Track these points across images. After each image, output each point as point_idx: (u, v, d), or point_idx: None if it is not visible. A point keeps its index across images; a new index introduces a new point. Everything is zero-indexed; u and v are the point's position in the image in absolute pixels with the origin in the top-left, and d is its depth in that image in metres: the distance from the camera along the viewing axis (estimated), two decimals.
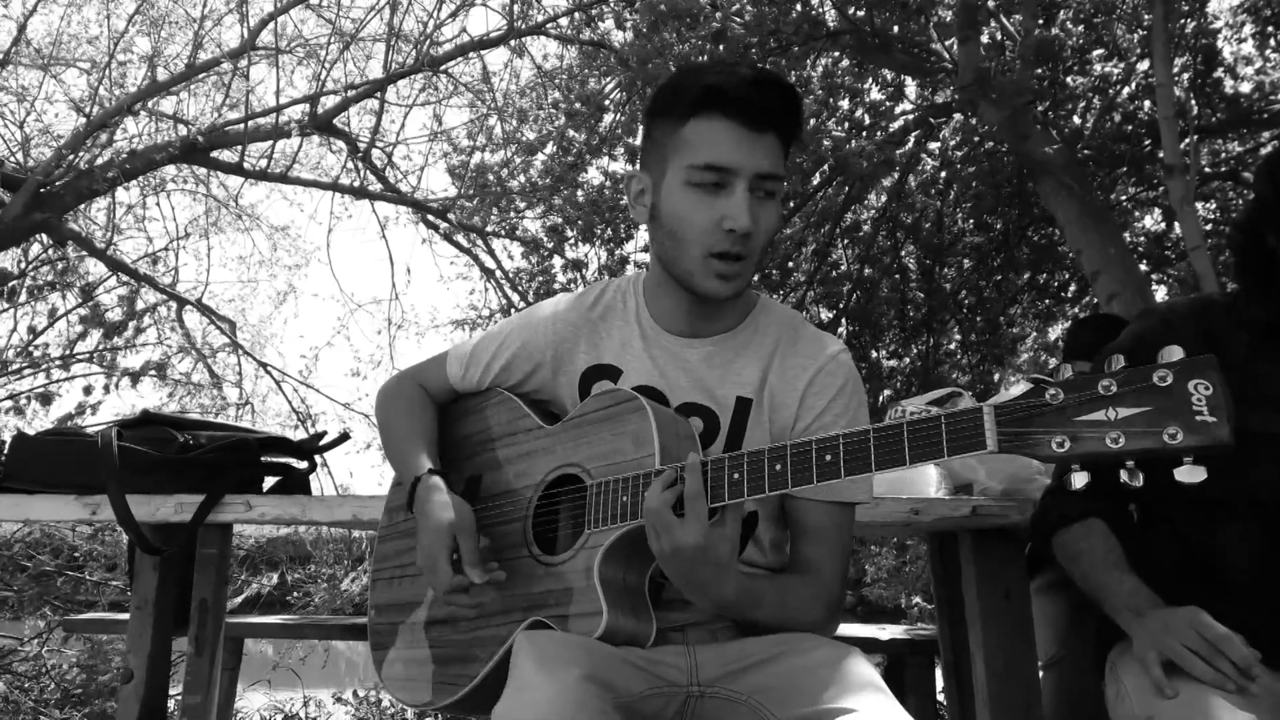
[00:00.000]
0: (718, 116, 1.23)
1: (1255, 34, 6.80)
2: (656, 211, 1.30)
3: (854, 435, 1.06)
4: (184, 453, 2.06)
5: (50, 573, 5.82)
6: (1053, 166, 5.42)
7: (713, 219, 1.24)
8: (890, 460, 1.03)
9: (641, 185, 1.33)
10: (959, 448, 0.98)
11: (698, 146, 1.24)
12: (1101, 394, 0.92)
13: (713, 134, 1.23)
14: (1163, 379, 0.90)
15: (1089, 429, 0.92)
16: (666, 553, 1.13)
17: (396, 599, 1.49)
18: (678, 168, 1.26)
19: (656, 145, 1.30)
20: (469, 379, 1.48)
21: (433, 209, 8.34)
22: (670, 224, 1.27)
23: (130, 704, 1.99)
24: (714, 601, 1.19)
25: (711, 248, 1.24)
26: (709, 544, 1.11)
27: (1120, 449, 0.90)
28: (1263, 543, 1.36)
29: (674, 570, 1.15)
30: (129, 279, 8.28)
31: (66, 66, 8.32)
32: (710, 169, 1.23)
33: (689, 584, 1.17)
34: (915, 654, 2.82)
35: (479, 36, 7.75)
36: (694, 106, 1.24)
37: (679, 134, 1.26)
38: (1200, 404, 0.88)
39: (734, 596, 1.19)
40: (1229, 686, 1.17)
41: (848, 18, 6.01)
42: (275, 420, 8.95)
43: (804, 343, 1.37)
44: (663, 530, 1.13)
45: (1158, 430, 0.89)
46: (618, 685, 1.11)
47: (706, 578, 1.15)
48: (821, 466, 1.08)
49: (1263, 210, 1.44)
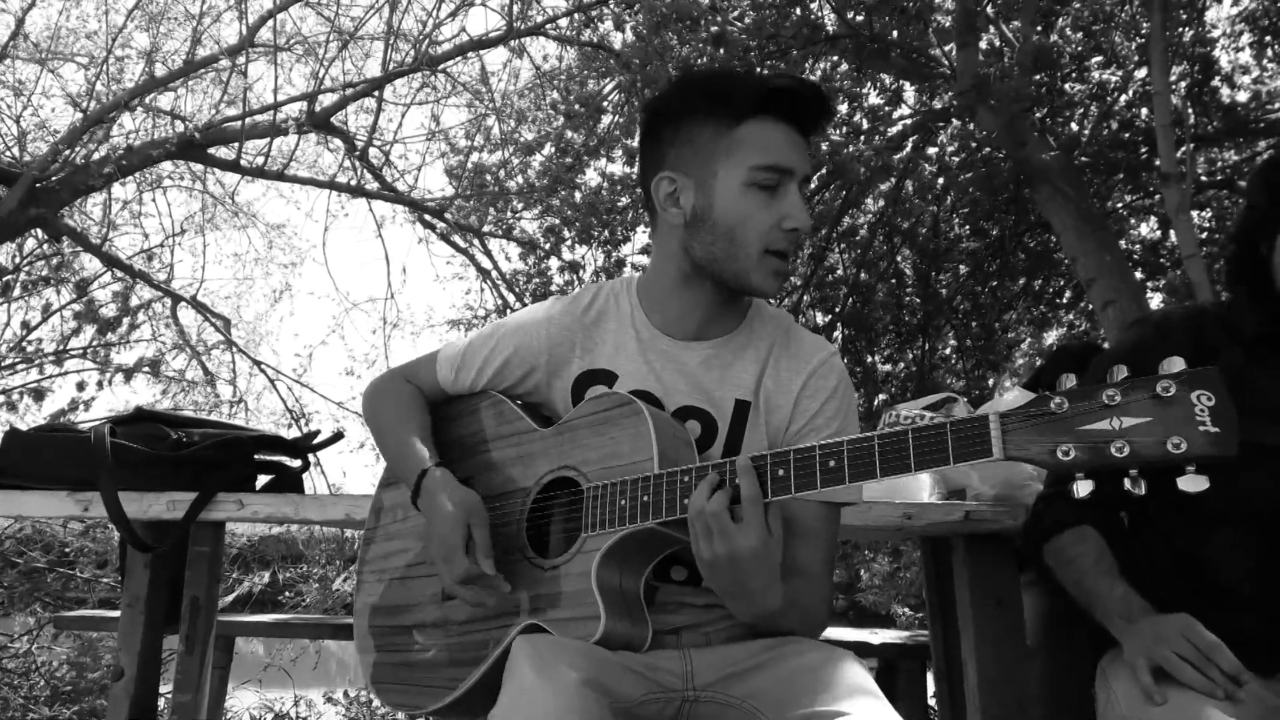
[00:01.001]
0: (774, 119, 1.28)
1: (1253, 43, 6.82)
2: (705, 213, 1.30)
3: (859, 441, 1.07)
4: (177, 450, 2.05)
5: (41, 569, 5.79)
6: (1049, 173, 5.43)
7: (772, 219, 1.27)
8: (896, 467, 1.04)
9: (674, 187, 1.32)
10: (965, 455, 1.00)
11: (759, 148, 1.27)
12: (1106, 403, 0.94)
13: (773, 136, 1.27)
14: (1166, 389, 0.92)
15: (1094, 438, 0.94)
16: (721, 557, 1.11)
17: (384, 601, 1.48)
18: (735, 168, 1.27)
19: (698, 147, 1.30)
20: (461, 382, 1.47)
21: (429, 208, 8.33)
22: (727, 223, 1.28)
23: (120, 702, 1.99)
24: (760, 610, 1.18)
25: (770, 245, 1.27)
26: (767, 550, 1.10)
27: (1125, 458, 0.92)
28: (1256, 551, 1.36)
29: (726, 576, 1.13)
30: (124, 275, 8.25)
31: (64, 61, 8.31)
32: (773, 170, 1.26)
33: (739, 591, 1.15)
34: (907, 659, 2.82)
35: (478, 36, 7.75)
36: (753, 109, 1.27)
37: (732, 135, 1.27)
38: (1203, 414, 0.90)
39: (779, 604, 1.18)
40: (1218, 694, 1.18)
41: (847, 22, 6.02)
42: (269, 419, 8.94)
43: (797, 345, 1.38)
44: (720, 534, 1.10)
45: (1162, 440, 0.91)
46: (616, 690, 1.10)
47: (759, 585, 1.14)
48: (826, 472, 1.08)
49: (1256, 219, 1.44)
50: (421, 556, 1.45)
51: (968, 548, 1.84)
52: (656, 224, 1.38)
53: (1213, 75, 6.62)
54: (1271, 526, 1.36)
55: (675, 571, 1.31)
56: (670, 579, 1.30)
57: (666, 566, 1.29)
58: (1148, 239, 8.10)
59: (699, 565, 1.15)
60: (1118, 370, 0.95)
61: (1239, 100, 6.88)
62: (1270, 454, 1.35)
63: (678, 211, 1.33)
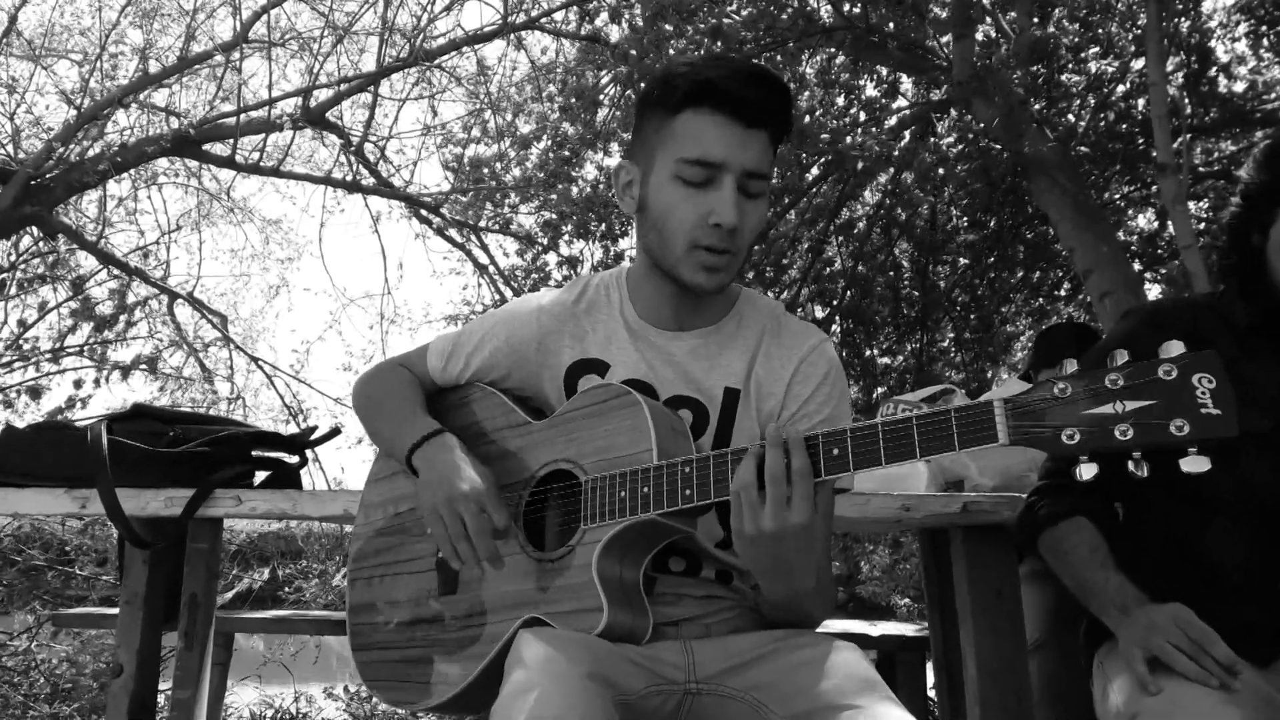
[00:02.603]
0: (709, 111, 1.22)
1: (1249, 34, 6.82)
2: (644, 203, 1.29)
3: (863, 429, 1.07)
4: (174, 447, 2.05)
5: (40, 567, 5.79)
6: (1046, 164, 5.42)
7: (700, 214, 1.23)
8: (900, 454, 1.04)
9: (630, 176, 1.32)
10: (970, 440, 1.00)
11: (687, 140, 1.23)
12: (1109, 388, 0.95)
13: (703, 128, 1.22)
14: (1168, 373, 0.94)
15: (1098, 422, 0.95)
16: (768, 533, 1.08)
17: (377, 599, 1.46)
18: (666, 160, 1.25)
19: (646, 137, 1.29)
20: (449, 372, 1.47)
21: (426, 204, 8.31)
22: (657, 217, 1.27)
23: (120, 699, 1.98)
24: (796, 588, 1.16)
25: (697, 241, 1.24)
26: (814, 525, 1.09)
27: (1129, 441, 0.93)
28: (1250, 540, 1.36)
29: (769, 552, 1.11)
30: (120, 272, 8.24)
31: (58, 58, 8.28)
32: (699, 164, 1.22)
33: (780, 567, 1.13)
34: (906, 650, 2.83)
35: (473, 30, 7.73)
36: (686, 99, 1.23)
37: (669, 126, 1.25)
38: (1205, 397, 0.92)
39: (810, 585, 1.17)
40: (1213, 683, 1.18)
41: (843, 14, 6.01)
42: (267, 415, 8.91)
43: (787, 334, 1.37)
44: (776, 509, 1.07)
45: (1165, 423, 0.93)
46: (619, 683, 1.10)
47: (800, 564, 1.12)
48: (829, 460, 1.08)
49: (1248, 210, 1.44)
50: (417, 552, 1.43)
51: (966, 539, 1.84)
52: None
53: (1209, 66, 6.61)
54: (1266, 515, 1.36)
55: (673, 563, 1.30)
56: (669, 570, 1.30)
57: (664, 558, 1.29)
58: (1145, 230, 8.10)
59: (736, 542, 1.13)
60: (1119, 354, 0.96)
61: (1236, 91, 6.88)
62: (1264, 443, 1.35)
63: (631, 201, 1.32)
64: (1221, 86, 6.81)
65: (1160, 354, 0.94)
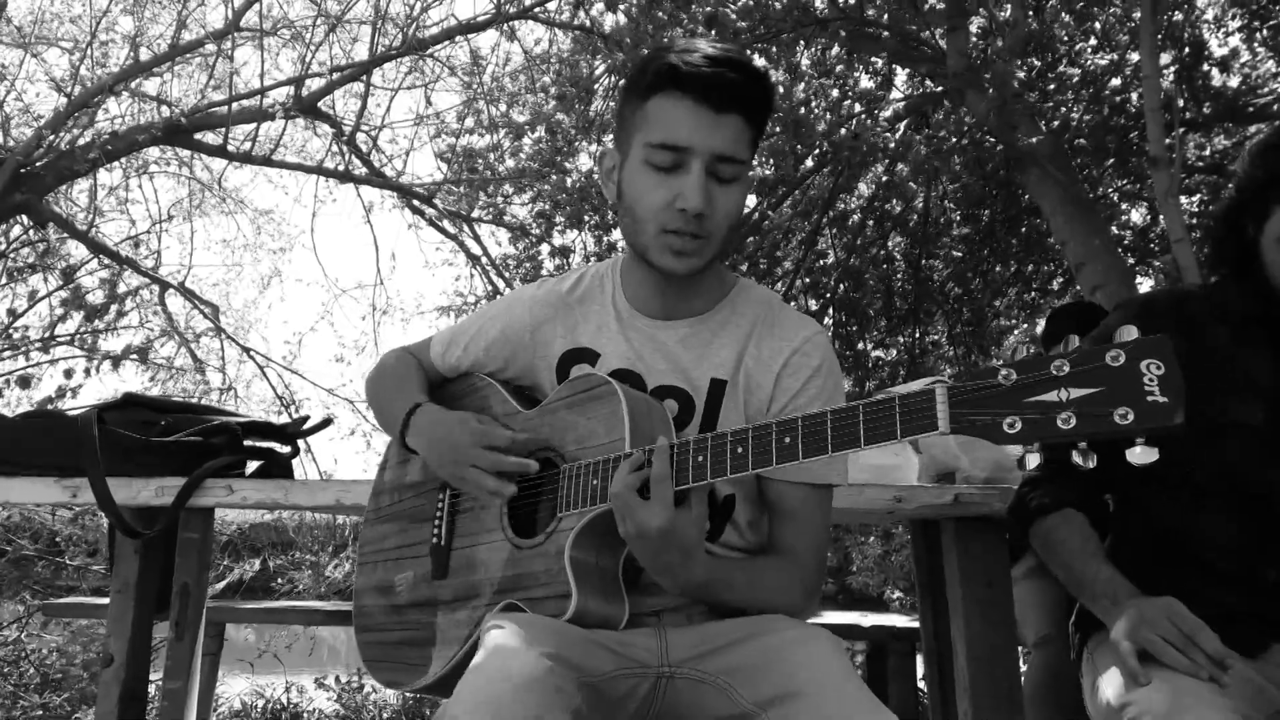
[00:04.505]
0: (677, 95, 1.21)
1: (1242, 28, 6.82)
2: (621, 189, 1.30)
3: (812, 418, 1.06)
4: (166, 436, 2.04)
5: (30, 556, 5.78)
6: (1039, 157, 5.43)
7: (666, 198, 1.23)
8: (846, 441, 1.02)
9: (612, 162, 1.33)
10: (912, 429, 0.97)
11: (656, 124, 1.23)
12: (1054, 374, 0.91)
13: (671, 112, 1.21)
14: (1115, 359, 0.89)
15: (1040, 410, 0.90)
16: (632, 535, 1.14)
17: (379, 582, 1.50)
18: (639, 145, 1.25)
19: (624, 122, 1.30)
20: (449, 359, 1.50)
21: (418, 194, 8.29)
22: (630, 201, 1.27)
23: (110, 688, 1.98)
24: (683, 585, 1.20)
25: (665, 225, 1.24)
26: (674, 527, 1.11)
27: (1071, 430, 0.89)
28: (1241, 529, 1.37)
29: (641, 553, 1.16)
30: (111, 261, 8.19)
31: (48, 45, 8.19)
32: (665, 148, 1.22)
33: (656, 567, 1.17)
34: (897, 641, 2.84)
35: (466, 20, 7.69)
36: (655, 84, 1.22)
37: (641, 111, 1.25)
38: (1152, 384, 0.87)
39: (703, 579, 1.19)
40: (1202, 675, 1.18)
41: (837, 5, 6.00)
42: (259, 405, 8.89)
43: (781, 325, 1.36)
44: (627, 513, 1.13)
45: (1108, 411, 0.87)
46: (584, 665, 1.11)
47: (673, 561, 1.15)
48: (781, 449, 1.07)
49: (1245, 201, 1.44)
50: (417, 537, 1.46)
51: (957, 530, 1.85)
52: None
53: (1203, 60, 6.61)
54: (1256, 506, 1.37)
55: None
56: None
57: None
58: (1138, 224, 8.12)
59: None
60: (1070, 341, 0.93)
61: (1229, 85, 6.88)
62: (1255, 432, 1.36)
63: (612, 187, 1.33)
64: (1215, 81, 6.81)
65: (1115, 339, 0.90)
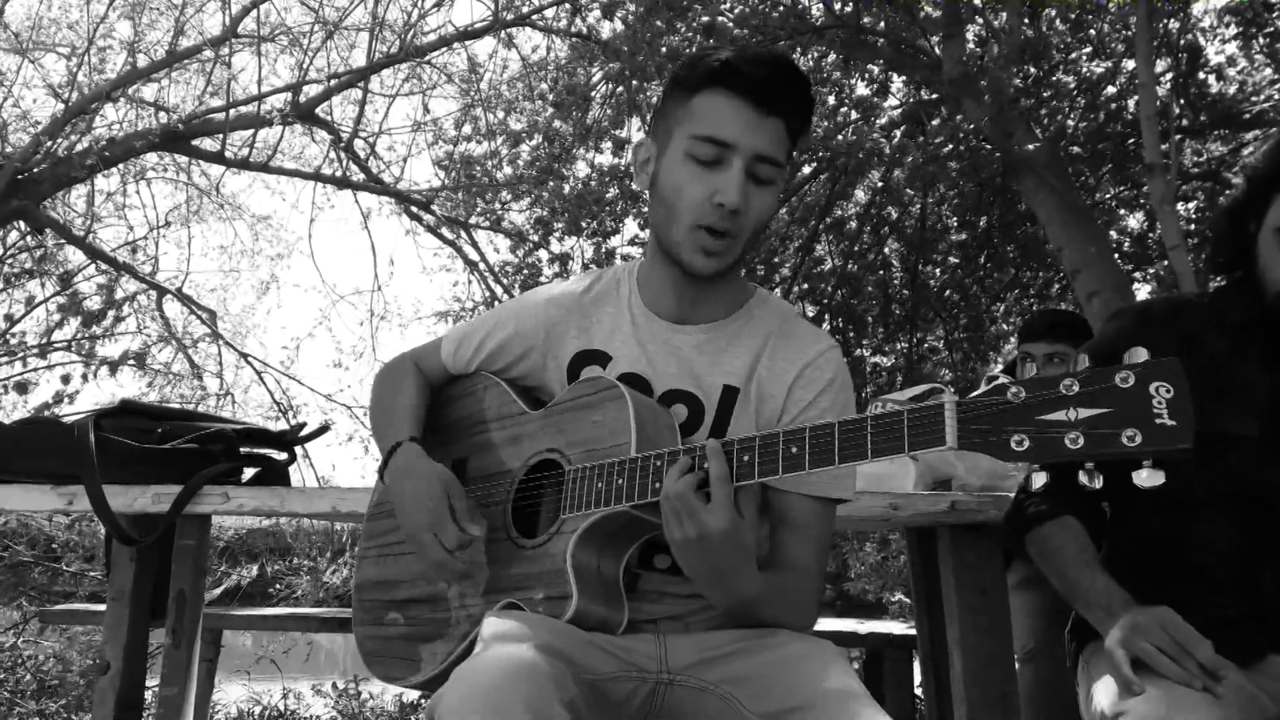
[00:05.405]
0: (725, 92, 1.23)
1: (1238, 36, 6.85)
2: (656, 179, 1.31)
3: (820, 428, 1.07)
4: (162, 443, 2.04)
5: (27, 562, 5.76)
6: (1035, 164, 5.44)
7: (705, 192, 1.24)
8: (853, 454, 1.03)
9: (648, 154, 1.34)
10: (920, 443, 0.98)
11: (702, 118, 1.24)
12: (1063, 394, 0.91)
13: (718, 108, 1.24)
14: (1124, 380, 0.89)
15: (1049, 429, 0.91)
16: (692, 538, 1.10)
17: (380, 576, 1.51)
18: (681, 137, 1.26)
19: (666, 116, 1.31)
20: (460, 358, 1.50)
21: (416, 200, 8.29)
22: (666, 193, 1.28)
23: (107, 695, 1.98)
24: (733, 595, 1.18)
25: (700, 220, 1.25)
26: (738, 529, 1.10)
27: (1079, 450, 0.89)
28: (1237, 538, 1.37)
29: (698, 558, 1.13)
30: (108, 267, 8.19)
31: (45, 51, 8.21)
32: (710, 141, 1.23)
33: (711, 574, 1.14)
34: (894, 648, 2.84)
35: (464, 27, 7.70)
36: (705, 80, 1.25)
37: (687, 105, 1.27)
38: (1160, 407, 0.87)
39: (753, 591, 1.17)
40: (1196, 685, 1.18)
41: (834, 12, 6.02)
42: (256, 411, 8.88)
43: (795, 336, 1.37)
44: (687, 515, 1.10)
45: (1117, 432, 0.88)
46: (581, 662, 1.11)
47: (730, 566, 1.13)
48: (787, 458, 1.08)
49: (1251, 194, 1.43)
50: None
51: (953, 538, 1.85)
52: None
53: (1199, 67, 6.64)
54: (1256, 506, 1.37)
55: (659, 559, 1.31)
56: (654, 567, 1.31)
57: (651, 554, 1.30)
58: (1134, 231, 8.13)
59: (672, 549, 1.15)
60: (1079, 360, 0.93)
61: (1225, 92, 6.90)
62: (1251, 442, 1.36)
63: (645, 177, 1.34)
64: (1211, 88, 6.84)
65: (1124, 360, 0.91)
